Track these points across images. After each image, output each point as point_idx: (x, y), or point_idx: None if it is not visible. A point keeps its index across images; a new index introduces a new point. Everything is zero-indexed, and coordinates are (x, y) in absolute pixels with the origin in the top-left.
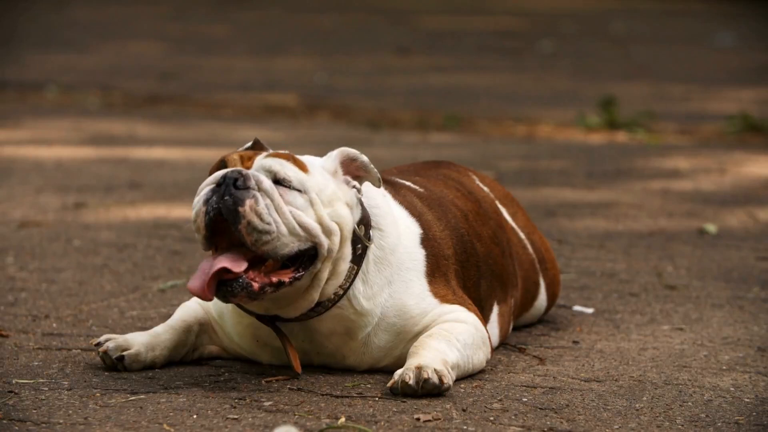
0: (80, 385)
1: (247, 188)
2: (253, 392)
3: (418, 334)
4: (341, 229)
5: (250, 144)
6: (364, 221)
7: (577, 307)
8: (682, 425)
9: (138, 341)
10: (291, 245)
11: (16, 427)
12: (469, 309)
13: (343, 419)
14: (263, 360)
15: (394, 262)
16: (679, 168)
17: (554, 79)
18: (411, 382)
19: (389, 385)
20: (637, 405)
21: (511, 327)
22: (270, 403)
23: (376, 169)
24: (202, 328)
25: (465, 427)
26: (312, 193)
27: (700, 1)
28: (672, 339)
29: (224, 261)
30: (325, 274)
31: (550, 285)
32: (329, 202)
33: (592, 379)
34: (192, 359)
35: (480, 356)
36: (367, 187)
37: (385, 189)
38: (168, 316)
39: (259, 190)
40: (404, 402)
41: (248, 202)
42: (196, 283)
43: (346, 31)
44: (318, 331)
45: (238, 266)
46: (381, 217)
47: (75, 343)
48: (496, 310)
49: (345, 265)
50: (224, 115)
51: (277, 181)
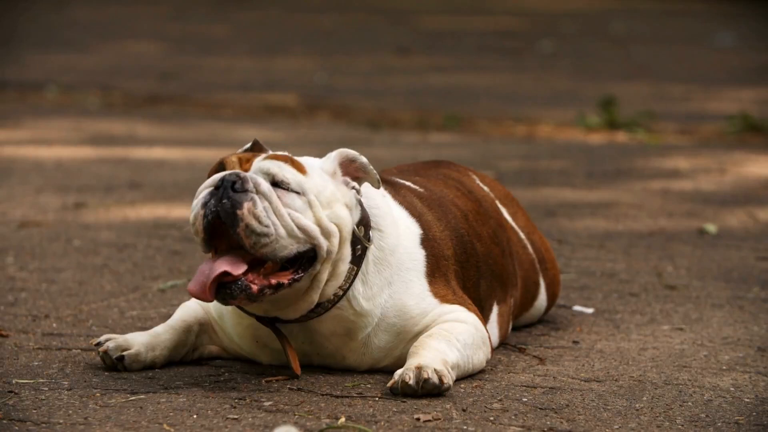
0: (80, 385)
1: (245, 191)
2: (253, 392)
3: (418, 335)
4: (340, 231)
5: (249, 145)
6: (364, 222)
7: (577, 307)
8: (682, 425)
9: (138, 341)
10: (290, 247)
11: (16, 427)
12: (469, 309)
13: (343, 419)
14: (263, 360)
15: (394, 263)
16: (679, 168)
17: (554, 79)
18: (411, 382)
19: (389, 385)
20: (637, 405)
21: (510, 327)
22: (270, 403)
23: (375, 170)
24: (202, 328)
25: (465, 427)
26: (310, 195)
27: (700, 1)
28: (672, 339)
29: (224, 264)
30: (325, 276)
31: (550, 285)
32: (328, 204)
33: (592, 379)
34: (192, 359)
35: (480, 356)
36: (367, 188)
37: (385, 189)
38: (168, 316)
39: (257, 192)
40: (404, 402)
41: (246, 205)
42: (196, 285)
43: (346, 31)
44: (318, 332)
45: (238, 269)
46: (381, 218)
47: (75, 343)
48: (495, 310)
49: (344, 266)
50: (224, 115)
51: (276, 184)
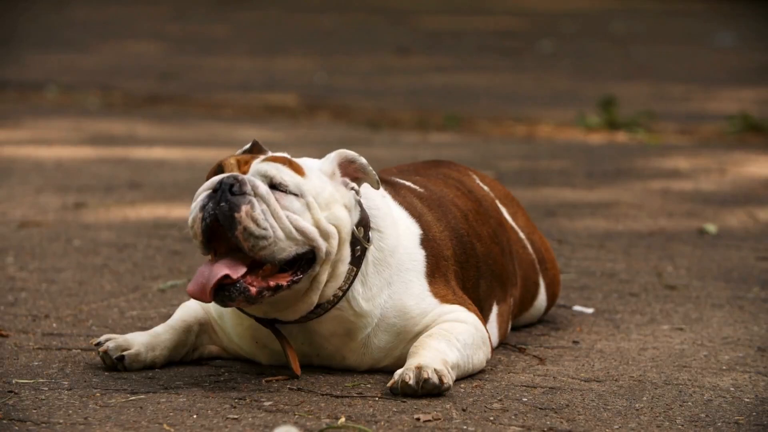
0: (80, 385)
1: (243, 194)
2: (253, 392)
3: (418, 335)
4: (339, 232)
5: (248, 146)
6: (363, 223)
7: (577, 307)
8: (682, 425)
9: (138, 341)
10: (288, 249)
11: (16, 427)
12: (469, 309)
13: (343, 419)
14: (263, 361)
15: (394, 264)
16: (679, 168)
17: (554, 79)
18: (411, 382)
19: (389, 385)
20: (637, 405)
21: (509, 326)
22: (270, 403)
23: (374, 171)
24: (202, 328)
25: (465, 427)
26: (309, 197)
27: (700, 1)
28: (672, 339)
29: (223, 268)
30: (324, 277)
31: (550, 285)
32: (326, 205)
33: (592, 379)
34: (192, 359)
35: (480, 356)
36: (367, 189)
37: (385, 190)
38: (168, 316)
39: (255, 195)
40: (404, 402)
41: (244, 208)
42: (195, 287)
43: (346, 31)
44: (317, 333)
45: (237, 272)
46: (380, 219)
47: (75, 343)
48: (495, 310)
49: (344, 267)
50: (224, 115)
51: (274, 186)
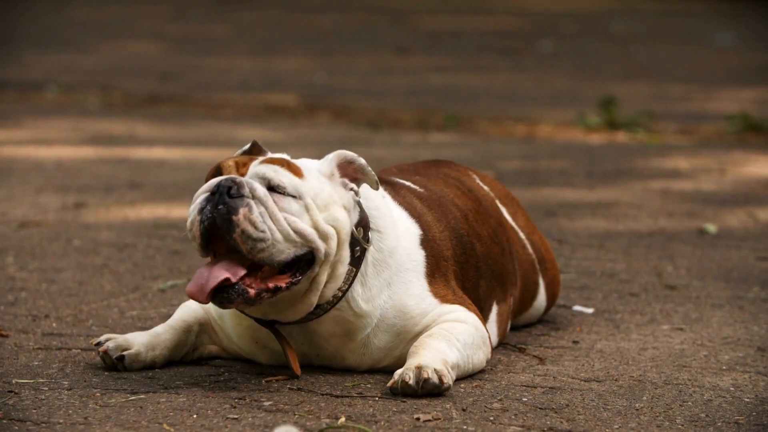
0: (80, 385)
1: (241, 196)
2: (253, 392)
3: (418, 335)
4: (338, 233)
5: (248, 147)
6: (363, 223)
7: (577, 307)
8: (682, 425)
9: (138, 341)
10: (287, 251)
11: (16, 427)
12: (469, 309)
13: (343, 419)
14: (263, 361)
15: (393, 264)
16: (679, 168)
17: (554, 79)
18: (411, 382)
19: (389, 384)
20: (637, 405)
21: (509, 326)
22: (270, 403)
23: (373, 172)
24: (202, 328)
25: (465, 427)
26: (307, 199)
27: (700, 1)
28: (672, 339)
29: (222, 271)
30: (324, 278)
31: (550, 285)
32: (325, 207)
33: (592, 379)
34: (192, 359)
35: (480, 356)
36: (367, 189)
37: (385, 190)
38: (168, 316)
39: (253, 197)
40: (404, 402)
41: (242, 211)
42: (194, 287)
43: (346, 31)
44: (317, 333)
45: (236, 274)
46: (380, 219)
47: (75, 343)
48: (495, 309)
49: (343, 268)
50: (224, 115)
51: (272, 188)
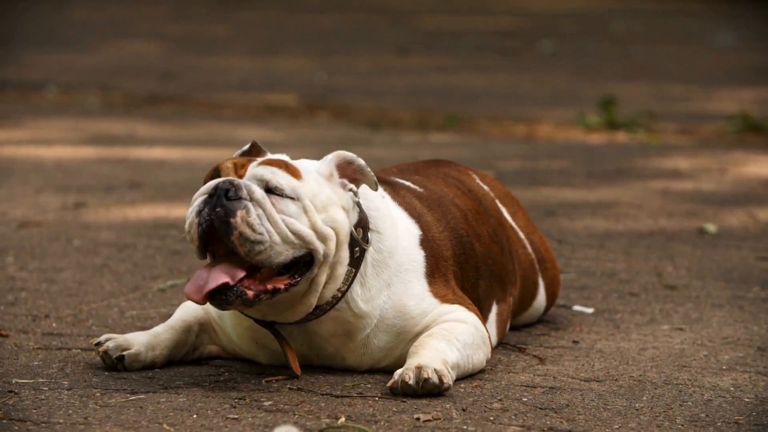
0: (80, 385)
1: (238, 199)
2: (253, 392)
3: (418, 335)
4: (337, 234)
5: (247, 147)
6: (362, 224)
7: (577, 307)
8: (682, 425)
9: (138, 341)
10: (285, 253)
11: (16, 427)
12: (469, 309)
13: (343, 419)
14: (263, 361)
15: (393, 265)
16: (679, 168)
17: (554, 79)
18: (411, 382)
19: (389, 384)
20: (637, 405)
21: (508, 326)
22: (270, 403)
23: (372, 173)
24: (202, 328)
25: (465, 427)
26: (305, 200)
27: (700, 1)
28: (672, 339)
29: (221, 274)
30: (323, 279)
31: (550, 285)
32: (324, 208)
33: (592, 379)
34: (192, 359)
35: (480, 356)
36: (366, 189)
37: (385, 190)
38: (168, 316)
39: (251, 200)
40: (404, 402)
41: (239, 213)
42: (193, 289)
43: (346, 31)
44: (317, 334)
45: (234, 277)
46: (379, 220)
47: (75, 343)
48: (494, 309)
49: (342, 269)
50: (224, 115)
51: (270, 190)
